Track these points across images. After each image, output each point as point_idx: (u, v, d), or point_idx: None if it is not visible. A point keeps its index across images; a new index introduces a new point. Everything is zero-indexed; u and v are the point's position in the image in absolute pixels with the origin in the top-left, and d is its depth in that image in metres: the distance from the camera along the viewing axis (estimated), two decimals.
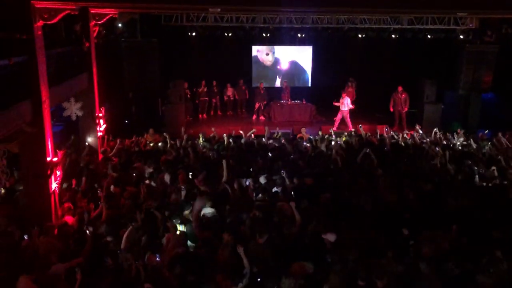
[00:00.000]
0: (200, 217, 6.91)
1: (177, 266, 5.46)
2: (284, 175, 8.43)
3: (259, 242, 6.01)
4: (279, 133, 13.17)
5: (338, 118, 15.84)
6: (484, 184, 8.79)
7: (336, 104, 15.83)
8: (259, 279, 5.28)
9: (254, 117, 17.51)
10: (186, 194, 7.86)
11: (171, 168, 9.19)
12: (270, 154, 10.53)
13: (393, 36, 17.50)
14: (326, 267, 5.50)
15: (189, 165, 9.61)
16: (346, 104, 15.69)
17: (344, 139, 12.53)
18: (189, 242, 6.58)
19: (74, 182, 9.06)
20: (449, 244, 5.91)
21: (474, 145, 11.82)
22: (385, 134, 13.15)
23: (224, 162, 8.46)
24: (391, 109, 16.26)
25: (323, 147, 11.26)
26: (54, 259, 5.85)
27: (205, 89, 17.52)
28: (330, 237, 6.11)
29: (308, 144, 11.76)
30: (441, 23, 15.57)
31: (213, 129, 12.94)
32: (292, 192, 8.05)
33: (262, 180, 8.45)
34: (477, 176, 8.93)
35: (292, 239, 6.26)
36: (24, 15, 7.52)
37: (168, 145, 11.51)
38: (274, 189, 8.11)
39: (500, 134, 12.36)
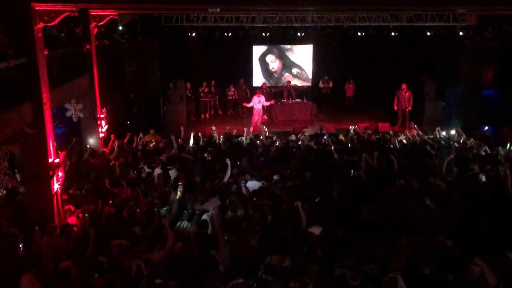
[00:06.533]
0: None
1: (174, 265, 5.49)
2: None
3: (252, 243, 5.99)
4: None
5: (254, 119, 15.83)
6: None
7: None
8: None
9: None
10: (183, 191, 7.87)
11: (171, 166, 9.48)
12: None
13: (392, 33, 17.45)
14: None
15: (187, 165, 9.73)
16: (257, 102, 15.72)
17: (341, 137, 12.55)
18: None
19: (76, 183, 9.12)
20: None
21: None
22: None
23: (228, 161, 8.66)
24: (395, 107, 16.11)
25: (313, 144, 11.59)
26: (60, 257, 5.89)
27: (206, 89, 17.59)
28: (316, 230, 6.14)
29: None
30: (441, 19, 15.47)
31: (213, 127, 12.89)
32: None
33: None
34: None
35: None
36: (24, 17, 7.56)
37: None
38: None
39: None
